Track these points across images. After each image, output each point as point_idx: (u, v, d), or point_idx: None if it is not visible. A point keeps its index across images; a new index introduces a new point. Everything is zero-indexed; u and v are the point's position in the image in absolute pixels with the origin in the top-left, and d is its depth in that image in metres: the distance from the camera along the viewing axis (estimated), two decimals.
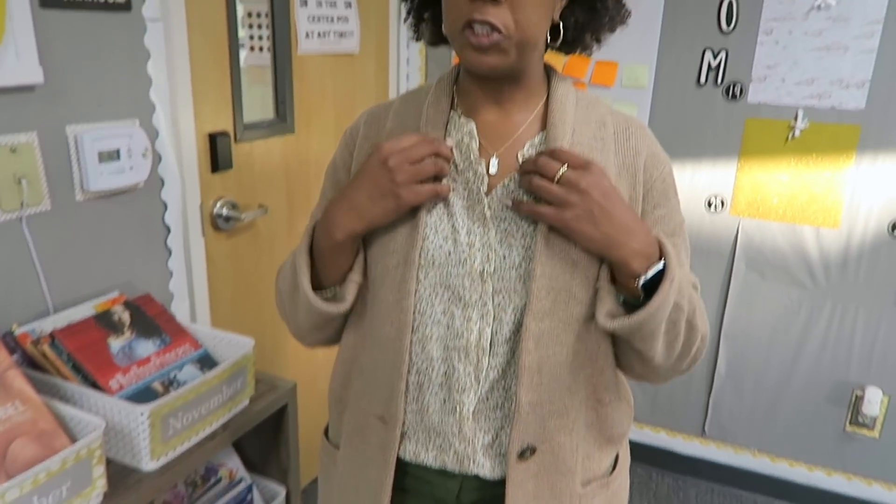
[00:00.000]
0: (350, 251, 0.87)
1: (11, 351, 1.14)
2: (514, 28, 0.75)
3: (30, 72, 1.14)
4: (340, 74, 2.01)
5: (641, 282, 0.78)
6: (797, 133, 1.98)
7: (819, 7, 1.87)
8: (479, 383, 0.83)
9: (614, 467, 0.95)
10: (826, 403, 2.13)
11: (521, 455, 0.84)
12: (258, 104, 1.78)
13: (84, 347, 1.14)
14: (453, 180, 0.85)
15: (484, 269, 0.81)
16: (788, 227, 2.06)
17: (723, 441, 2.29)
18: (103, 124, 1.29)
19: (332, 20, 1.92)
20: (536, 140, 0.85)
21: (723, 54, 2.01)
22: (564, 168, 0.77)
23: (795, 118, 1.97)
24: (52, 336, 1.14)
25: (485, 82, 0.84)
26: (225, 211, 1.63)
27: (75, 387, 1.10)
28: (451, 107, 0.88)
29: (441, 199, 0.84)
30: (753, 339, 2.18)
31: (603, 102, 0.90)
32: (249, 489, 1.33)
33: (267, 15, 1.74)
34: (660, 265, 0.78)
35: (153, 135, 1.40)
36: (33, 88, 1.17)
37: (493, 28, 0.74)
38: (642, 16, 2.05)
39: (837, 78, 1.91)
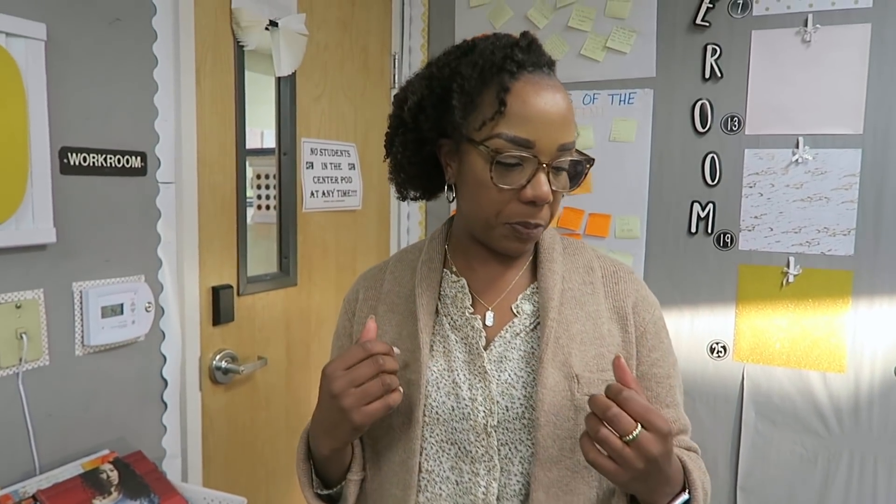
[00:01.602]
0: (341, 457, 0.87)
1: None
2: (549, 220, 0.84)
3: (44, 233, 1.19)
4: (343, 229, 2.09)
5: None
6: (791, 279, 2.01)
7: (797, 162, 1.98)
8: None
9: None
10: None
11: None
12: (262, 258, 1.83)
13: None
14: (448, 335, 0.87)
15: (488, 423, 0.81)
16: (794, 373, 2.03)
17: None
18: (109, 280, 1.33)
19: (337, 180, 2.03)
20: (528, 291, 0.88)
21: (710, 206, 2.09)
22: (639, 430, 0.69)
23: (788, 264, 2.01)
24: (34, 498, 1.10)
25: (481, 243, 0.88)
26: (224, 364, 1.62)
27: None
28: (444, 264, 0.92)
29: (392, 407, 0.79)
30: (772, 492, 2.07)
31: (588, 248, 0.94)
32: None
33: (274, 176, 1.85)
34: (684, 497, 0.77)
35: (157, 289, 1.43)
36: (45, 247, 1.21)
37: (538, 224, 0.83)
38: (630, 170, 2.16)
39: (823, 226, 1.97)
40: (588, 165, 0.83)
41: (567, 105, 0.82)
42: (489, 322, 0.87)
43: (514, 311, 0.87)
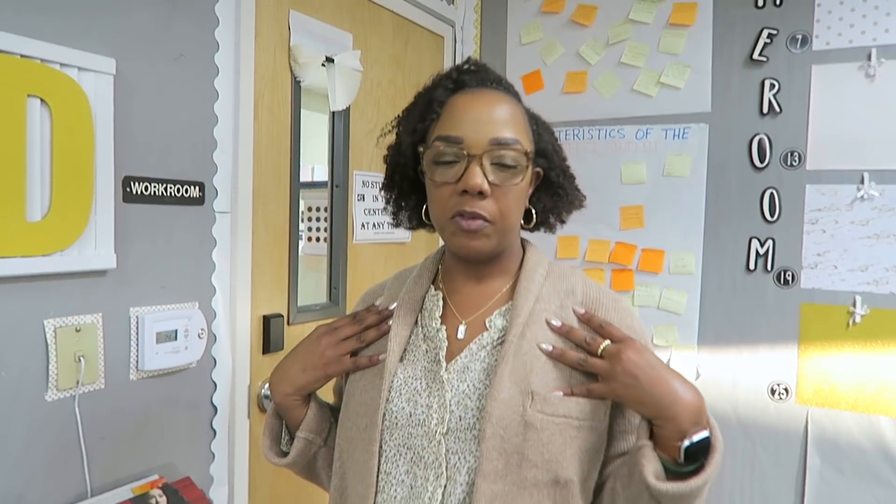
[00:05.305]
0: (293, 410, 1.00)
1: None
2: (498, 217, 0.87)
3: (105, 259, 1.23)
4: (392, 261, 2.09)
5: (686, 444, 0.78)
6: (858, 319, 1.92)
7: (863, 198, 1.90)
8: None
9: None
10: None
11: None
12: (312, 289, 1.85)
13: None
14: (421, 345, 0.93)
15: (438, 430, 0.85)
16: (863, 418, 1.92)
17: None
18: (165, 306, 1.36)
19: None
20: (504, 308, 0.92)
21: (770, 243, 2.02)
22: (607, 342, 0.85)
23: (854, 304, 1.92)
24: None
25: (465, 260, 0.94)
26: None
27: None
28: (434, 282, 0.99)
29: (362, 367, 0.95)
30: None
31: (579, 274, 0.97)
32: None
33: (326, 209, 1.87)
34: (705, 433, 0.79)
35: (211, 316, 1.46)
36: (105, 273, 1.25)
37: (481, 217, 0.86)
38: (685, 206, 2.12)
39: (892, 265, 1.88)
40: (527, 157, 0.87)
41: (508, 109, 0.88)
42: (461, 335, 0.91)
43: (487, 325, 0.91)
